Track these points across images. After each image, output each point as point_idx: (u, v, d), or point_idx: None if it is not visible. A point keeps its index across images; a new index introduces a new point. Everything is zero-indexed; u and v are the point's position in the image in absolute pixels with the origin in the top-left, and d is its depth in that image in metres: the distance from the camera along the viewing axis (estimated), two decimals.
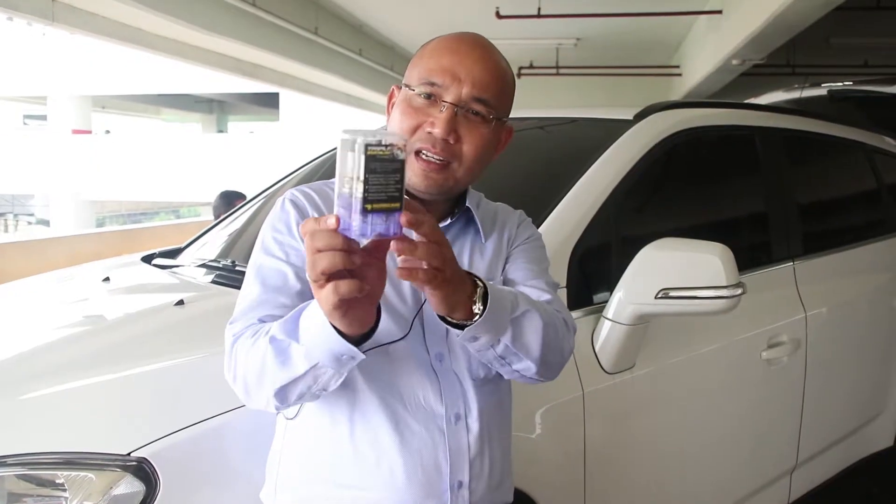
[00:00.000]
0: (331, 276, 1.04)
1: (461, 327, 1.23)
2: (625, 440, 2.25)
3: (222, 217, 3.27)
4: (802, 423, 2.90)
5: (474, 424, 1.40)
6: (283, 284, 1.34)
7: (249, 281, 1.37)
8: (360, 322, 1.12)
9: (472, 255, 1.47)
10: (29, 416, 1.69)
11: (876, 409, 3.47)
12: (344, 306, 1.07)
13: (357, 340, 1.15)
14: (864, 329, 3.31)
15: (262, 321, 1.30)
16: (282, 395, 1.23)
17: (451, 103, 1.34)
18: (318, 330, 1.14)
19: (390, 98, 1.47)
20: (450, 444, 1.37)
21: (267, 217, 1.43)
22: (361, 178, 0.98)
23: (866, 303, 3.32)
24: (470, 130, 1.36)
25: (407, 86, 1.40)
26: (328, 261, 1.03)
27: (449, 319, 1.22)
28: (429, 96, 1.36)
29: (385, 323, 1.29)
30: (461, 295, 1.19)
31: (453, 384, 1.39)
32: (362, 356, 1.16)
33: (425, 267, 1.11)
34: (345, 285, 1.04)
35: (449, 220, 1.44)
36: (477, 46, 1.40)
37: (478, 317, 1.21)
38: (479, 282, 1.23)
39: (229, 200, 5.96)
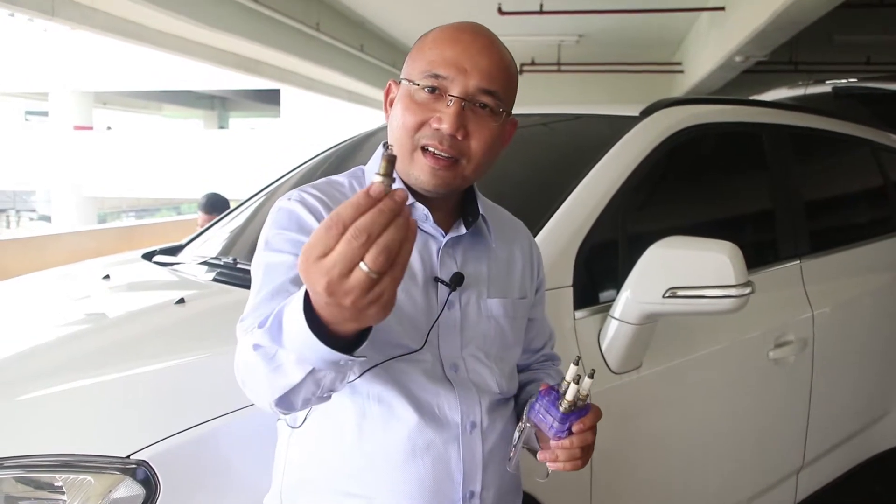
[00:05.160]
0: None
1: None
2: (631, 441, 2.22)
3: (214, 221, 3.22)
4: (809, 423, 2.88)
5: (490, 433, 1.37)
6: (294, 276, 1.23)
7: (257, 279, 1.28)
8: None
9: (490, 264, 1.44)
10: (27, 418, 1.66)
11: (883, 408, 3.44)
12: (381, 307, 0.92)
13: (352, 339, 0.99)
14: (871, 328, 3.28)
15: None
16: (285, 402, 1.10)
17: (458, 97, 1.28)
18: (303, 338, 0.97)
19: (387, 93, 1.40)
20: (464, 453, 1.33)
21: (267, 221, 1.34)
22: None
23: (873, 301, 3.30)
24: (479, 125, 1.30)
25: (408, 80, 1.32)
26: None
27: None
28: (433, 90, 1.29)
29: (399, 335, 1.28)
30: None
31: (469, 393, 1.35)
32: (363, 357, 1.02)
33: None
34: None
35: (464, 230, 1.39)
36: (480, 36, 1.34)
37: None
38: None
39: (212, 202, 5.96)
